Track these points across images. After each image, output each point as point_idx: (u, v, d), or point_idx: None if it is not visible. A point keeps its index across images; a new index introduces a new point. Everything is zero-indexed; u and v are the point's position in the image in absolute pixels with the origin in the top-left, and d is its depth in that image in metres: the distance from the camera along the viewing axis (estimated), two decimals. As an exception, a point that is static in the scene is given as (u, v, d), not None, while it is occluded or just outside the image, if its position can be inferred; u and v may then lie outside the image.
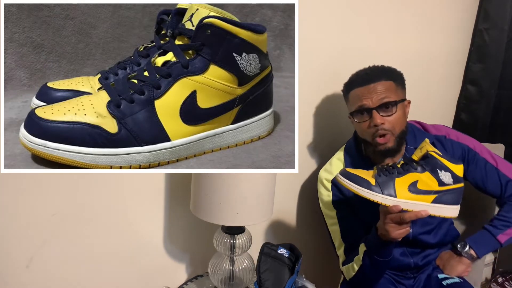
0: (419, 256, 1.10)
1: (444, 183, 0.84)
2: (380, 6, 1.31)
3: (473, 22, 1.61)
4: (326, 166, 1.15)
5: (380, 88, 0.99)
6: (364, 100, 1.00)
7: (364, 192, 0.85)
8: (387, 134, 1.00)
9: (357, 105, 1.01)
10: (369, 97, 0.99)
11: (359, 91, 1.01)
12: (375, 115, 0.99)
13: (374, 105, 0.99)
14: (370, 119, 1.00)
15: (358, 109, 1.01)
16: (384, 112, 0.99)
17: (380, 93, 0.99)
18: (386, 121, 0.99)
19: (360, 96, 1.01)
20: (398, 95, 1.01)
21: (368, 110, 1.00)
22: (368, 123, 1.01)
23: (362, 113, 1.01)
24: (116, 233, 1.01)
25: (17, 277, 0.91)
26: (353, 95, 1.03)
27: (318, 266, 1.46)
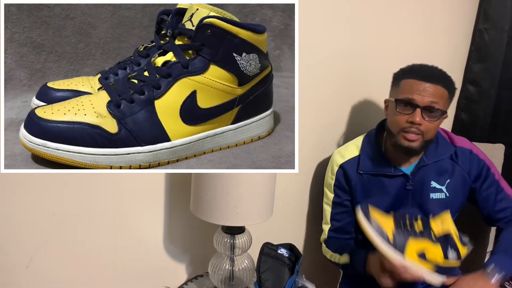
0: None
1: (448, 258, 0.88)
2: (380, 6, 1.31)
3: (473, 22, 1.61)
4: (341, 149, 1.17)
5: (435, 91, 0.98)
6: (415, 95, 0.98)
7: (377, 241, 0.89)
8: (419, 135, 1.00)
9: (407, 96, 1.00)
10: (421, 94, 0.98)
11: (415, 84, 0.99)
12: (418, 113, 0.98)
13: (422, 104, 0.98)
14: (411, 114, 0.99)
15: (405, 99, 1.00)
16: (427, 115, 0.98)
17: (433, 96, 0.98)
18: (424, 123, 0.99)
19: (414, 89, 0.99)
20: (445, 106, 1.01)
21: (414, 105, 0.98)
22: (406, 117, 1.00)
23: (406, 105, 1.00)
24: (116, 233, 1.01)
25: (17, 277, 0.91)
26: (406, 84, 1.01)
27: (318, 266, 1.46)
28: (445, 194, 1.07)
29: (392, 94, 1.06)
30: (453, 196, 1.08)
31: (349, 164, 1.12)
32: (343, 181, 1.13)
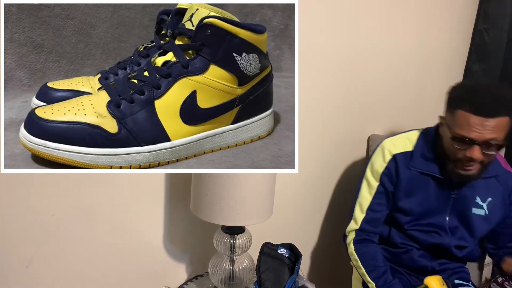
0: (438, 261, 1.11)
1: None
2: (380, 6, 1.31)
3: (473, 22, 1.61)
4: (393, 139, 1.12)
5: (496, 125, 0.91)
6: (472, 133, 0.92)
7: None
8: (476, 165, 0.97)
9: (463, 133, 0.93)
10: (480, 131, 0.91)
11: (472, 120, 0.92)
12: (476, 150, 0.93)
13: (480, 141, 0.92)
14: (468, 149, 0.94)
15: (462, 137, 0.94)
16: (486, 149, 0.94)
17: (493, 132, 0.92)
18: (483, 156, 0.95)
19: (471, 126, 0.92)
20: (506, 131, 0.94)
21: (473, 142, 0.93)
22: (464, 152, 0.95)
23: (464, 142, 0.94)
24: (116, 233, 1.01)
25: (17, 277, 0.91)
26: (462, 117, 0.93)
27: (318, 266, 1.46)
28: (485, 212, 1.06)
29: (447, 117, 0.99)
30: (492, 214, 1.07)
31: (402, 156, 1.08)
32: (394, 172, 1.08)
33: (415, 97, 1.53)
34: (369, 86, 1.37)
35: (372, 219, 1.10)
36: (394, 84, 1.44)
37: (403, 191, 1.08)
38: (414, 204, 1.08)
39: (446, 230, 1.08)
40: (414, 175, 1.07)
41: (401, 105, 1.48)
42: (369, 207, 1.10)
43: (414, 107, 1.53)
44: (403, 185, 1.08)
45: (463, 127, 0.93)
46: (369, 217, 1.10)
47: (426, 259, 1.10)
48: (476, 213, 1.06)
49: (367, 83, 1.36)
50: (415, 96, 1.53)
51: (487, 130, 0.91)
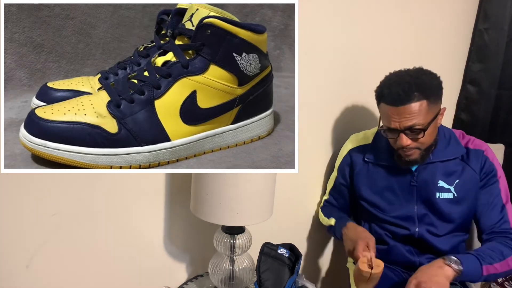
0: (425, 256, 1.10)
1: None
2: (380, 6, 1.31)
3: (473, 22, 1.61)
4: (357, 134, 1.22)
5: (410, 111, 0.95)
6: (392, 122, 0.98)
7: None
8: (415, 149, 1.00)
9: (386, 124, 1.01)
10: (397, 120, 0.97)
11: (389, 110, 0.98)
12: (402, 137, 0.98)
13: (401, 128, 0.97)
14: (397, 138, 1.00)
15: (386, 128, 1.01)
16: (411, 135, 0.98)
17: (410, 117, 0.96)
18: (412, 142, 0.99)
19: (389, 116, 0.99)
20: (430, 114, 0.97)
21: (395, 131, 0.99)
22: (394, 141, 1.02)
23: (390, 131, 1.01)
24: (116, 233, 1.01)
25: (17, 277, 0.91)
26: (382, 110, 1.02)
27: (318, 266, 1.46)
28: (453, 194, 1.06)
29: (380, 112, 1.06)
30: (462, 195, 1.06)
31: (358, 150, 1.17)
32: (348, 166, 1.18)
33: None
34: (369, 86, 1.37)
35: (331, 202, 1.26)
36: (394, 84, 1.44)
37: (364, 183, 1.14)
38: (379, 195, 1.12)
39: (414, 220, 1.08)
40: (372, 168, 1.13)
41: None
42: (330, 190, 1.27)
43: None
44: (361, 178, 1.15)
45: (385, 119, 1.01)
46: (330, 200, 1.27)
47: (412, 254, 1.10)
48: (442, 197, 1.06)
49: (367, 83, 1.36)
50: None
51: (403, 118, 0.96)
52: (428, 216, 1.08)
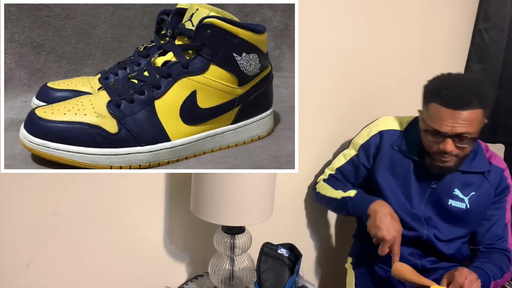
0: (428, 259, 1.10)
1: None
2: (379, 6, 1.31)
3: (473, 22, 1.61)
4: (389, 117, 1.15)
5: (466, 118, 0.91)
6: (443, 126, 0.93)
7: None
8: (452, 157, 0.97)
9: (435, 126, 0.95)
10: (450, 124, 0.92)
11: (443, 113, 0.92)
12: (448, 142, 0.94)
13: (451, 133, 0.93)
14: (441, 142, 0.95)
15: (433, 130, 0.95)
16: (458, 142, 0.94)
17: (463, 124, 0.91)
18: (456, 149, 0.95)
19: (442, 119, 0.93)
20: (480, 124, 0.94)
21: (444, 135, 0.94)
22: (437, 145, 0.96)
23: (436, 134, 0.95)
24: (116, 233, 1.01)
25: (17, 277, 0.91)
26: (434, 110, 0.95)
27: (318, 266, 1.46)
28: (466, 205, 1.05)
29: (423, 110, 1.01)
30: (474, 209, 1.05)
31: (389, 134, 1.11)
32: (375, 146, 1.11)
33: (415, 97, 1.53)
34: (369, 86, 1.37)
35: (338, 179, 1.17)
36: (394, 84, 1.44)
37: (383, 167, 1.10)
38: (394, 185, 1.08)
39: (421, 221, 1.07)
40: (397, 156, 1.09)
41: (401, 105, 1.48)
42: (339, 167, 1.18)
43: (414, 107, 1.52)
44: (383, 161, 1.10)
45: (435, 120, 0.94)
46: (336, 176, 1.18)
47: (414, 257, 1.10)
48: (454, 205, 1.05)
49: (367, 83, 1.36)
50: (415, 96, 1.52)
51: (458, 123, 0.92)
52: (434, 219, 1.07)
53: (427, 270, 1.11)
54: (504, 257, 1.06)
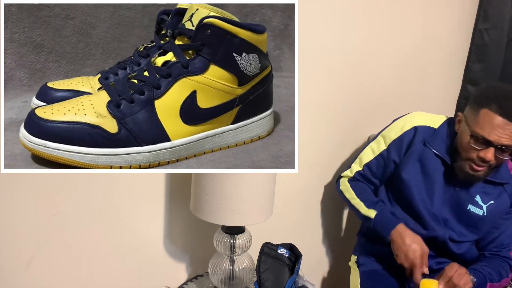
0: (435, 260, 1.11)
1: None
2: (379, 6, 1.31)
3: (473, 22, 1.61)
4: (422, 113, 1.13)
5: None
6: (492, 134, 0.92)
7: None
8: (485, 167, 0.97)
9: (482, 133, 0.93)
10: (500, 134, 0.91)
11: (496, 121, 0.91)
12: (490, 152, 0.94)
13: (497, 143, 0.92)
14: (483, 149, 0.95)
15: (482, 137, 0.94)
16: (500, 153, 0.94)
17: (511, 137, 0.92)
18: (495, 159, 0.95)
19: (492, 128, 0.92)
20: None
21: (489, 143, 0.93)
22: (477, 152, 0.96)
23: (481, 143, 0.94)
24: (116, 233, 1.01)
25: (17, 277, 0.91)
26: (486, 117, 0.93)
27: (318, 266, 1.46)
28: (483, 213, 1.06)
29: (469, 115, 0.99)
30: (490, 217, 1.06)
31: (423, 130, 1.09)
32: (407, 141, 1.09)
33: (415, 97, 1.53)
34: (369, 86, 1.37)
35: (366, 176, 1.15)
36: (394, 84, 1.44)
37: (412, 163, 1.07)
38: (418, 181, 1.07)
39: (439, 221, 1.08)
40: (427, 153, 1.07)
41: (401, 105, 1.48)
42: (367, 163, 1.15)
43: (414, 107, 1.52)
44: (412, 157, 1.08)
45: (484, 127, 0.93)
46: (364, 173, 1.16)
47: None
48: (473, 210, 1.06)
49: (367, 83, 1.37)
50: (415, 96, 1.53)
51: (506, 135, 0.91)
52: (451, 222, 1.08)
53: (433, 271, 1.11)
54: (505, 264, 1.07)
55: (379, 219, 1.07)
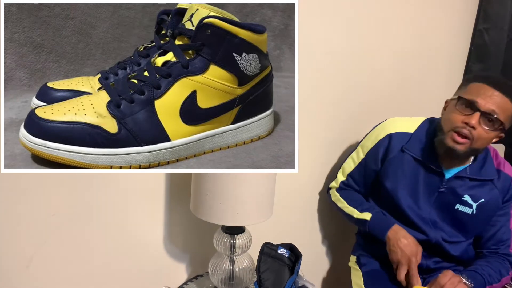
0: (433, 260, 1.11)
1: None
2: (380, 6, 1.31)
3: (473, 22, 1.61)
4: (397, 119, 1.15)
5: (501, 102, 0.95)
6: (480, 98, 0.95)
7: None
8: (468, 139, 0.97)
9: (471, 97, 0.96)
10: (487, 100, 0.95)
11: (483, 88, 0.96)
12: (476, 117, 0.95)
13: (483, 109, 0.95)
14: (468, 115, 0.96)
15: (468, 100, 0.96)
16: (484, 122, 0.96)
17: (498, 106, 0.94)
18: (478, 129, 0.96)
19: (480, 92, 0.96)
20: (506, 120, 0.97)
21: (475, 108, 0.95)
22: (463, 117, 0.97)
23: (467, 106, 0.97)
24: (116, 233, 1.01)
25: (17, 277, 0.91)
26: (474, 86, 0.98)
27: (318, 266, 1.46)
28: (473, 211, 1.06)
29: (457, 93, 1.03)
30: (480, 215, 1.06)
31: (398, 137, 1.11)
32: (383, 150, 1.12)
33: (415, 97, 1.53)
34: (369, 86, 1.37)
35: (351, 185, 1.19)
36: (394, 84, 1.44)
37: (392, 171, 1.10)
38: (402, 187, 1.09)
39: (429, 224, 1.08)
40: (406, 159, 1.09)
41: (401, 105, 1.48)
42: (350, 173, 1.20)
43: (414, 107, 1.53)
44: (392, 165, 1.10)
45: (472, 93, 0.97)
46: (348, 182, 1.20)
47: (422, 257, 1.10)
48: (461, 210, 1.06)
49: (367, 83, 1.37)
50: (415, 96, 1.53)
51: (492, 101, 0.94)
52: (439, 223, 1.08)
53: (431, 270, 1.11)
54: (505, 261, 1.07)
55: (374, 222, 1.10)
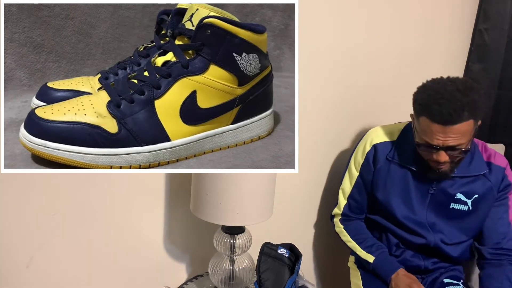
0: (431, 260, 1.11)
1: None
2: (380, 6, 1.31)
3: (473, 22, 1.61)
4: (378, 129, 1.15)
5: (457, 131, 0.91)
6: (435, 140, 0.93)
7: None
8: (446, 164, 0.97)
9: (426, 140, 0.95)
10: (442, 138, 0.92)
11: (434, 128, 0.92)
12: (441, 154, 0.94)
13: (444, 146, 0.93)
14: (435, 153, 0.96)
15: (426, 144, 0.96)
16: (451, 152, 0.95)
17: (455, 138, 0.92)
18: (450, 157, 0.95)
19: (433, 133, 0.93)
20: (472, 132, 0.94)
21: (438, 148, 0.94)
22: (431, 156, 0.97)
23: (429, 147, 0.96)
24: (116, 233, 1.01)
25: (17, 277, 0.91)
26: (425, 124, 0.94)
27: (318, 266, 1.46)
28: (469, 208, 1.05)
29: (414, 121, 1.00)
30: (477, 209, 1.06)
31: (382, 146, 1.11)
32: (371, 161, 1.12)
33: (415, 97, 1.53)
34: (369, 86, 1.37)
35: (354, 206, 1.17)
36: (394, 84, 1.44)
37: (381, 181, 1.10)
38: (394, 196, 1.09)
39: (427, 228, 1.08)
40: (393, 167, 1.09)
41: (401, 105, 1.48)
42: (349, 195, 1.17)
43: (414, 107, 1.53)
44: (381, 175, 1.10)
45: (427, 134, 0.94)
46: (351, 206, 1.18)
47: (418, 258, 1.11)
48: (456, 208, 1.06)
49: (367, 83, 1.37)
50: (415, 96, 1.53)
51: (449, 137, 0.92)
52: (438, 224, 1.08)
53: (429, 271, 1.11)
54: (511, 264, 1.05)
55: (378, 265, 1.09)
